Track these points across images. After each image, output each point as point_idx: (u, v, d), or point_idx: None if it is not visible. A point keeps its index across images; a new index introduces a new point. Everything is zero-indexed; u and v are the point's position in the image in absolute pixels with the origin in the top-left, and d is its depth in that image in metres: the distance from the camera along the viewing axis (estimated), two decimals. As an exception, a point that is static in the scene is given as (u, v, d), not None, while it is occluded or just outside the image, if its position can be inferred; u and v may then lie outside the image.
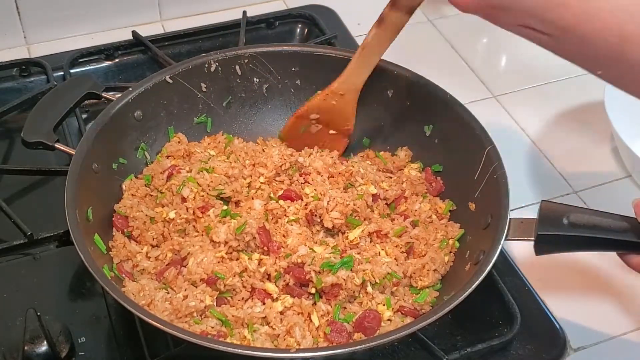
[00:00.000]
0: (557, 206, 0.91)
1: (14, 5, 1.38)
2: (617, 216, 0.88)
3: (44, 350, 0.88)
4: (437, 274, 1.00)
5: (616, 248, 0.89)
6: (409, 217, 1.06)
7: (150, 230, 1.03)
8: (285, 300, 0.95)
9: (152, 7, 1.48)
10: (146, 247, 1.02)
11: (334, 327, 0.92)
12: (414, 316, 0.96)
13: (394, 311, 0.96)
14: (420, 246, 1.03)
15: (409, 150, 1.16)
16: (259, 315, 0.93)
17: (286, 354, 0.86)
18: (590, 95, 1.34)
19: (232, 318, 0.92)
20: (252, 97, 1.20)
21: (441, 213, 1.08)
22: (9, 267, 1.04)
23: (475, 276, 0.88)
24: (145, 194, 1.07)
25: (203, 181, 1.05)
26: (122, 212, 1.04)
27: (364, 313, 0.93)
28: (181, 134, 1.16)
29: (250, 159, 1.12)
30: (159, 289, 0.95)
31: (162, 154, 1.13)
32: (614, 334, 1.02)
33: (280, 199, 1.05)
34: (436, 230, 1.04)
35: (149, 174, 1.09)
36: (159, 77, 1.13)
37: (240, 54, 1.17)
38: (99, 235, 0.98)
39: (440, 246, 1.02)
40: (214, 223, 1.01)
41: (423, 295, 0.97)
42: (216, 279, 0.95)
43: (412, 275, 0.99)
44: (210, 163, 1.09)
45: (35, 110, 1.08)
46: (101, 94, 1.12)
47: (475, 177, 1.03)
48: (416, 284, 0.99)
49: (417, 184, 1.11)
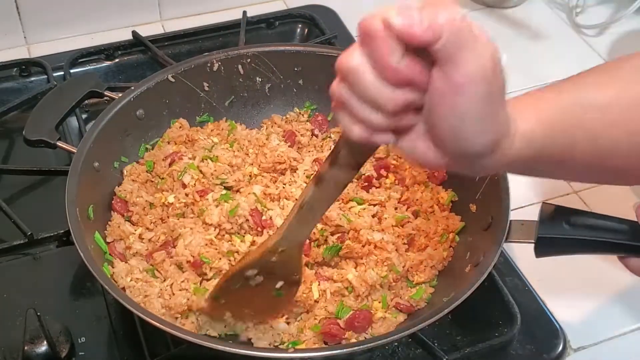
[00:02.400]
0: (558, 208, 0.91)
1: (14, 5, 1.38)
2: (618, 219, 0.88)
3: (44, 350, 0.88)
4: (434, 270, 1.00)
5: (617, 251, 0.89)
6: (411, 207, 1.06)
7: (149, 214, 1.03)
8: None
9: (152, 7, 1.48)
10: (140, 229, 1.02)
11: (328, 334, 0.92)
12: (409, 312, 0.96)
13: (388, 307, 0.96)
14: (420, 239, 1.03)
15: None
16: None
17: (286, 354, 0.86)
18: (590, 95, 1.34)
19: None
20: (254, 96, 1.20)
21: (443, 204, 1.07)
22: (9, 267, 1.04)
23: (475, 278, 0.88)
24: (146, 179, 1.08)
25: (207, 170, 1.05)
26: (122, 195, 1.04)
27: (355, 313, 0.94)
28: (183, 119, 1.15)
29: (253, 148, 1.12)
30: (148, 270, 0.96)
31: (163, 140, 1.13)
32: (614, 334, 1.02)
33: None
34: (437, 223, 1.04)
35: (151, 160, 1.09)
36: (161, 76, 1.13)
37: (243, 54, 1.17)
38: (99, 234, 0.98)
39: (440, 240, 1.02)
40: (209, 206, 1.01)
41: (419, 291, 0.97)
42: (202, 263, 0.95)
43: (410, 269, 0.99)
44: (214, 151, 1.09)
45: (38, 108, 1.08)
46: (103, 93, 1.12)
47: (477, 177, 1.03)
48: (412, 278, 0.99)
49: (420, 172, 1.10)
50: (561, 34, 1.52)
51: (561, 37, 1.51)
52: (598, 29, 1.51)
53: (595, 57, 1.46)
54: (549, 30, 1.52)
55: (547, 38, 1.51)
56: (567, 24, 1.54)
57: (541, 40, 1.50)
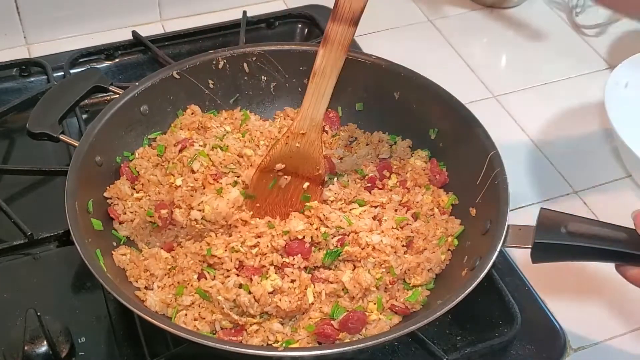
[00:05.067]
0: (556, 214, 0.90)
1: (14, 5, 1.38)
2: (616, 227, 0.88)
3: (44, 350, 0.88)
4: (431, 273, 1.00)
5: (613, 259, 0.88)
6: (411, 209, 1.06)
7: (155, 188, 1.05)
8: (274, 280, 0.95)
9: (152, 7, 1.48)
10: (140, 194, 1.03)
11: (321, 334, 0.92)
12: (404, 314, 0.96)
13: (384, 309, 0.96)
14: (419, 241, 1.02)
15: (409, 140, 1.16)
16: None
17: (285, 353, 0.86)
18: (590, 95, 1.35)
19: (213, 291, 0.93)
20: (259, 95, 1.21)
21: (443, 207, 1.07)
22: (9, 267, 1.04)
23: (470, 281, 0.88)
24: (156, 163, 1.08)
25: (216, 158, 1.05)
26: (134, 170, 1.05)
27: (349, 314, 0.94)
28: (194, 106, 1.15)
29: (265, 140, 1.13)
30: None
31: (175, 125, 1.13)
32: (613, 334, 1.02)
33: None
34: (436, 226, 1.04)
35: (162, 144, 1.09)
36: (166, 72, 1.13)
37: (249, 52, 1.17)
38: (100, 251, 0.97)
39: (438, 243, 1.02)
40: (227, 185, 1.02)
41: (415, 294, 0.97)
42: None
43: (407, 271, 0.99)
44: (225, 141, 1.09)
45: (42, 102, 1.08)
46: (108, 88, 1.12)
47: (478, 182, 1.03)
48: (409, 280, 0.99)
49: (421, 174, 1.10)
50: (561, 34, 1.52)
51: (561, 37, 1.51)
52: (598, 29, 1.51)
53: (595, 57, 1.46)
54: (549, 30, 1.52)
55: (547, 38, 1.51)
56: (567, 24, 1.54)
57: (541, 40, 1.50)
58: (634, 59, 1.26)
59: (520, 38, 1.51)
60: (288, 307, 0.92)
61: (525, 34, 1.51)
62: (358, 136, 1.17)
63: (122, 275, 0.97)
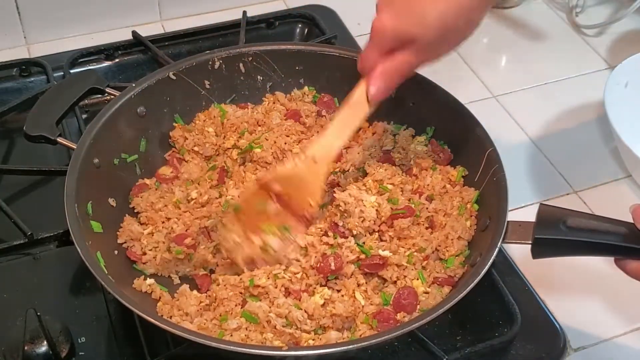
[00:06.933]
0: (555, 210, 0.90)
1: (14, 5, 1.38)
2: (615, 221, 0.88)
3: (44, 350, 0.88)
4: (462, 240, 1.00)
5: (613, 253, 0.89)
6: (424, 193, 1.06)
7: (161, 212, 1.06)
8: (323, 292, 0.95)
9: (152, 7, 1.48)
10: (150, 228, 1.04)
11: (380, 317, 0.93)
12: (450, 284, 0.96)
13: (429, 284, 0.97)
14: (439, 218, 1.03)
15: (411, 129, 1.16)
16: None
17: (284, 352, 0.86)
18: (590, 95, 1.34)
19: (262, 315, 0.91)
20: (255, 95, 1.20)
21: (454, 181, 1.07)
22: (9, 267, 1.04)
23: (471, 278, 0.88)
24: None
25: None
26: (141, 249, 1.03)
27: (399, 292, 0.94)
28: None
29: (250, 127, 1.14)
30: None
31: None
32: (613, 334, 1.02)
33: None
34: (452, 199, 1.04)
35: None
36: (162, 73, 1.13)
37: (245, 52, 1.17)
38: (100, 253, 0.96)
39: (459, 212, 1.02)
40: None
41: (450, 260, 0.98)
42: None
43: (439, 247, 1.00)
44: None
45: (39, 104, 1.08)
46: (105, 89, 1.12)
47: (476, 178, 1.03)
48: (444, 255, 0.99)
49: (424, 157, 1.10)
50: (561, 34, 1.52)
51: (561, 37, 1.51)
52: (598, 29, 1.51)
53: (595, 57, 1.46)
54: (549, 30, 1.52)
55: (547, 38, 1.51)
56: (567, 24, 1.54)
57: (541, 40, 1.50)
58: (634, 59, 1.26)
59: (520, 38, 1.51)
60: (344, 310, 0.92)
61: (525, 34, 1.51)
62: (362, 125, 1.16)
63: (122, 275, 0.97)
